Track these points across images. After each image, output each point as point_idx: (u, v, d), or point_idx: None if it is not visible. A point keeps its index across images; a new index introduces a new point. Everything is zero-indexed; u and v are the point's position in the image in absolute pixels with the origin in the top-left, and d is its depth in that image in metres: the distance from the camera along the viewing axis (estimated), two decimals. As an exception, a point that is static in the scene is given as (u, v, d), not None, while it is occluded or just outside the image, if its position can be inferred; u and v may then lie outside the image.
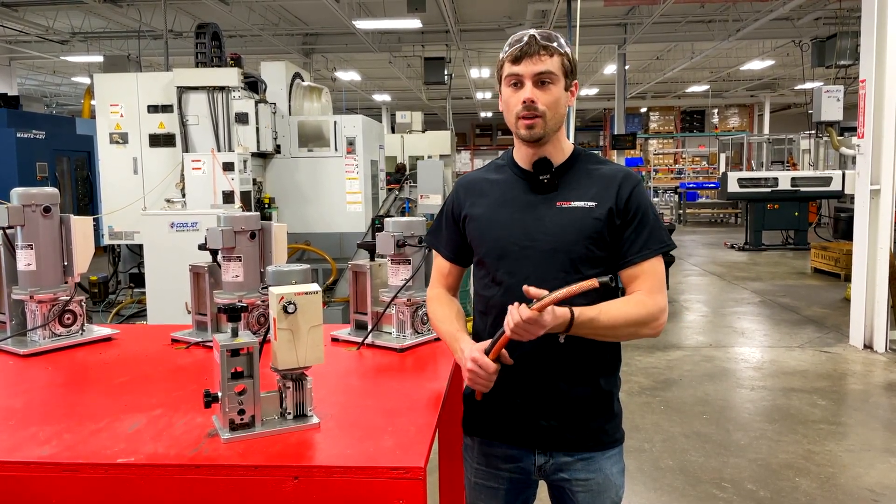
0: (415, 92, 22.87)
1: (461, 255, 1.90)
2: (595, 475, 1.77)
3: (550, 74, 1.66)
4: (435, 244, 1.95)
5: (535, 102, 1.67)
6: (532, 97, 1.67)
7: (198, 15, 13.22)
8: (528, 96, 1.67)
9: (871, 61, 6.31)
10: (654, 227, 1.71)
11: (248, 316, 2.22)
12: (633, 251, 1.70)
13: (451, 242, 1.89)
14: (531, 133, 1.70)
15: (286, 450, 1.42)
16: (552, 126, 1.71)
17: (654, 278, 1.70)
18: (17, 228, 2.21)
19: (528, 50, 1.66)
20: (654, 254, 1.71)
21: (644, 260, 1.70)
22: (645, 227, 1.70)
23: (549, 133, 1.71)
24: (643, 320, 1.66)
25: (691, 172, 26.07)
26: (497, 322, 1.75)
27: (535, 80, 1.67)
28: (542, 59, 1.66)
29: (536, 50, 1.65)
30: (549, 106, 1.68)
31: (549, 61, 1.66)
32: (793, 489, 3.82)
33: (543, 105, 1.67)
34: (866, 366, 6.08)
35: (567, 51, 1.69)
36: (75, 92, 23.85)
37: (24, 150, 9.66)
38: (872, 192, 6.43)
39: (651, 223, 1.71)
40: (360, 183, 7.39)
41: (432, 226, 1.97)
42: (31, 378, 1.98)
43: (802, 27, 14.71)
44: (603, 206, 1.69)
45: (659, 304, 1.68)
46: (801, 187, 13.25)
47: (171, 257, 5.50)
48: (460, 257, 1.90)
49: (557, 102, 1.69)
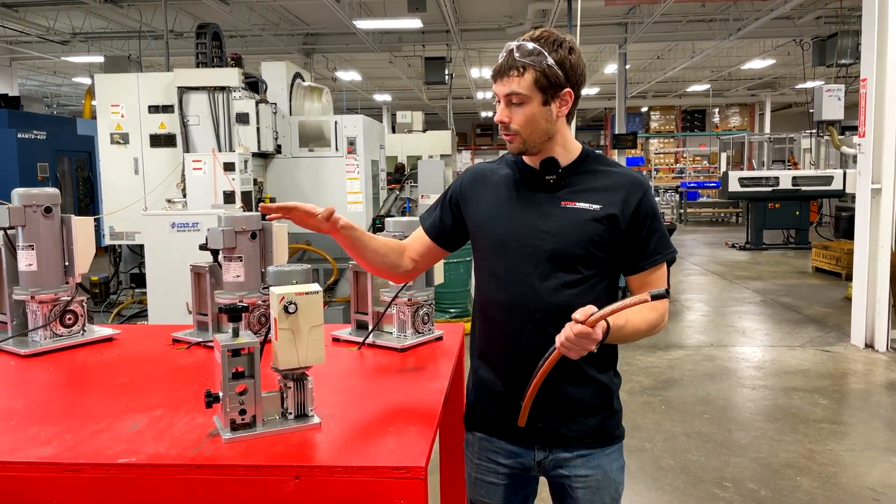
0: (415, 92, 22.88)
1: (443, 236, 1.90)
2: (594, 472, 1.78)
3: (519, 95, 1.65)
4: (423, 219, 1.96)
5: (506, 122, 1.69)
6: (502, 118, 1.70)
7: (198, 15, 13.23)
8: (498, 117, 1.70)
9: (871, 60, 6.31)
10: (662, 234, 1.75)
11: (248, 316, 2.22)
12: (645, 257, 1.73)
13: (439, 222, 1.90)
14: (511, 147, 1.74)
15: (287, 450, 1.43)
16: (532, 141, 1.71)
17: (661, 282, 1.75)
18: (19, 229, 2.21)
19: (499, 69, 1.67)
20: (663, 259, 1.75)
21: (655, 266, 1.74)
22: (654, 234, 1.73)
23: (532, 147, 1.72)
24: (657, 324, 1.73)
25: (692, 172, 26.05)
26: (494, 318, 1.77)
27: (506, 100, 1.68)
28: (511, 80, 1.65)
29: (507, 69, 1.65)
30: (521, 125, 1.68)
31: (517, 81, 1.64)
32: (794, 488, 3.82)
33: (516, 125, 1.68)
34: (867, 365, 6.08)
35: (549, 62, 1.63)
36: (76, 92, 23.86)
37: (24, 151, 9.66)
38: (873, 191, 6.42)
39: (660, 231, 1.75)
40: (361, 183, 7.39)
41: (430, 206, 1.98)
42: (33, 378, 1.98)
43: (803, 26, 14.70)
44: (607, 209, 1.69)
45: (666, 306, 1.76)
46: (802, 186, 13.24)
47: (172, 257, 5.50)
48: (441, 238, 1.90)
49: (531, 120, 1.68)
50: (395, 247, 1.90)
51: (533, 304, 1.71)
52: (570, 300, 1.67)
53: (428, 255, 1.93)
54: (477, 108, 30.09)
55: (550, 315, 1.68)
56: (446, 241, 1.91)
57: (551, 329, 1.62)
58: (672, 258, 1.77)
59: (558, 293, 1.69)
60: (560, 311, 1.67)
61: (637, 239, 1.72)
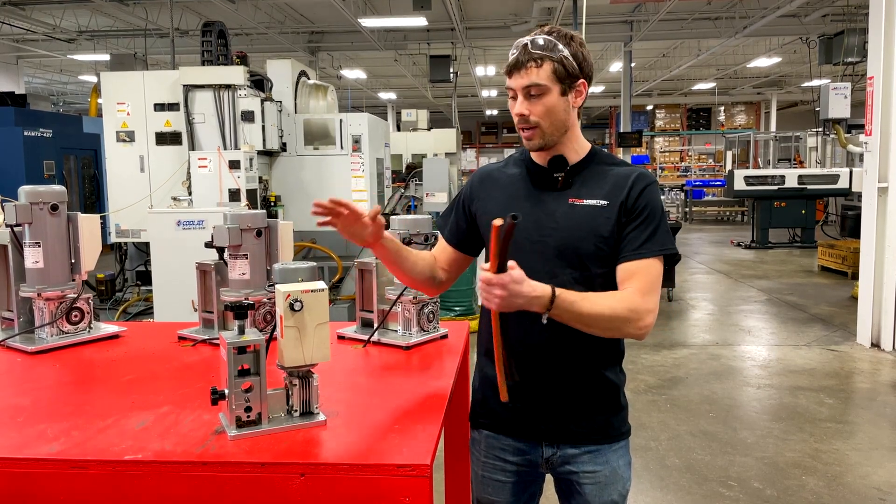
0: (420, 90, 22.87)
1: (462, 241, 1.91)
2: (602, 468, 1.78)
3: (539, 86, 1.65)
4: (440, 226, 1.97)
5: (526, 115, 1.68)
6: (521, 111, 1.68)
7: (204, 13, 13.24)
8: (517, 111, 1.69)
9: (878, 58, 6.28)
10: (659, 228, 1.69)
11: (254, 313, 2.23)
12: (632, 248, 1.67)
13: (456, 227, 1.91)
14: (530, 144, 1.73)
15: (293, 447, 1.43)
16: (551, 134, 1.70)
17: (647, 278, 1.66)
18: (25, 226, 2.22)
19: (516, 62, 1.66)
20: (653, 254, 1.67)
21: (641, 258, 1.66)
22: (649, 226, 1.68)
23: (551, 140, 1.71)
24: (627, 317, 1.61)
25: (697, 170, 25.94)
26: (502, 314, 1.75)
27: (525, 92, 1.67)
28: (530, 72, 1.65)
29: (524, 62, 1.65)
30: (541, 117, 1.67)
31: (536, 73, 1.64)
32: (800, 488, 3.81)
33: (536, 117, 1.67)
34: (874, 364, 6.06)
35: (565, 54, 1.65)
36: (82, 90, 23.96)
37: (31, 149, 9.71)
38: (880, 189, 6.40)
39: (656, 224, 1.69)
40: (366, 181, 7.40)
41: (444, 210, 1.99)
42: (39, 375, 1.98)
43: (810, 24, 14.63)
44: (614, 204, 1.69)
45: (647, 305, 1.63)
46: (807, 185, 13.19)
47: (177, 255, 5.52)
48: (462, 243, 1.92)
49: (551, 111, 1.67)
50: (429, 259, 1.92)
51: None
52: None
53: (454, 263, 1.94)
54: (482, 106, 30.08)
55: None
56: (467, 246, 1.92)
57: (559, 327, 1.62)
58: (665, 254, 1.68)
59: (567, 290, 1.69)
60: None
61: (631, 227, 1.68)
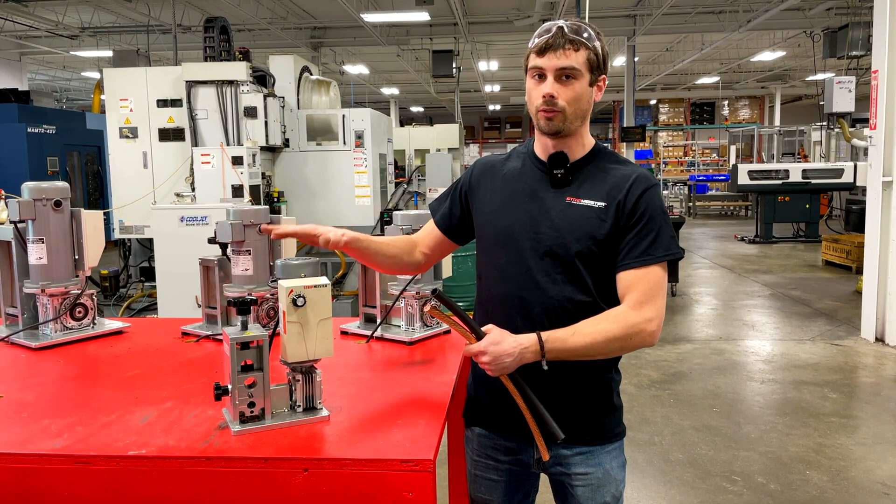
0: (423, 85, 22.81)
1: (452, 228, 1.90)
2: (595, 469, 1.75)
3: (573, 70, 1.62)
4: (433, 209, 1.96)
5: (554, 98, 1.63)
6: (552, 92, 1.63)
7: (206, 9, 13.24)
8: (547, 91, 1.63)
9: (883, 51, 6.25)
10: (660, 234, 1.64)
11: (257, 309, 2.23)
12: (632, 256, 1.63)
13: (449, 213, 1.90)
14: (550, 125, 1.66)
15: (296, 442, 1.43)
16: (572, 121, 1.67)
17: (646, 287, 1.61)
18: (29, 222, 2.22)
19: (552, 43, 1.61)
20: (655, 261, 1.63)
21: (643, 266, 1.62)
22: (650, 232, 1.63)
23: (569, 127, 1.67)
24: (625, 334, 1.58)
25: (701, 164, 25.90)
26: (493, 311, 1.74)
27: (558, 74, 1.63)
28: (567, 54, 1.61)
29: (562, 44, 1.61)
30: (569, 101, 1.64)
31: (573, 56, 1.61)
32: (803, 482, 3.80)
33: (564, 101, 1.64)
34: (878, 359, 6.05)
35: (596, 44, 1.64)
36: (85, 87, 23.96)
37: (34, 145, 9.71)
38: (885, 183, 6.38)
39: (657, 229, 1.64)
40: (369, 176, 7.39)
41: (441, 194, 1.97)
42: (43, 371, 1.99)
43: (814, 17, 14.56)
44: (611, 206, 1.65)
45: (645, 315, 1.59)
46: (812, 179, 13.15)
47: (181, 251, 5.52)
48: (451, 230, 1.90)
49: (579, 98, 1.65)
50: (404, 245, 1.90)
51: (532, 299, 1.68)
52: (570, 296, 1.65)
53: (438, 247, 1.93)
54: (485, 101, 29.99)
55: (549, 311, 1.66)
56: (456, 234, 1.91)
57: (549, 325, 1.61)
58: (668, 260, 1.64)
59: (557, 289, 1.67)
60: (558, 307, 1.66)
61: (630, 234, 1.63)
